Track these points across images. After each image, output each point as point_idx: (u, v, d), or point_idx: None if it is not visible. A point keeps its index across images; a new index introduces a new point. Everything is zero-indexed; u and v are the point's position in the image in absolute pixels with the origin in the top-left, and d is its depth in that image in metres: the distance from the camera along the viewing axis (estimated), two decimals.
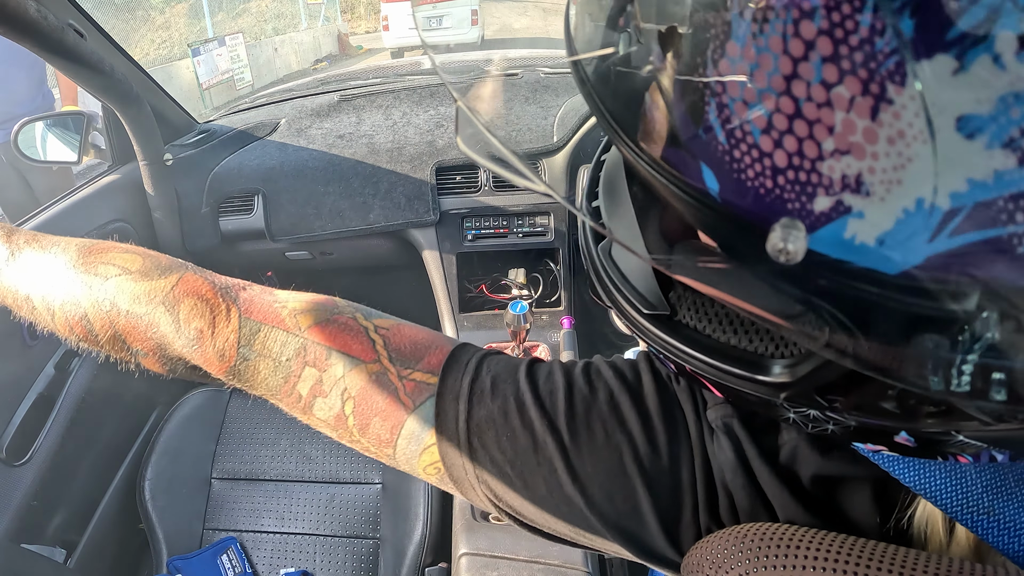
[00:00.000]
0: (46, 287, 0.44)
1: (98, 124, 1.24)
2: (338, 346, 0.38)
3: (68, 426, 1.04)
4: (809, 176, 0.18)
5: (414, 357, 0.38)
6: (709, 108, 0.19)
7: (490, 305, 1.33)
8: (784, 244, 0.18)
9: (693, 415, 0.34)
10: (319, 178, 1.31)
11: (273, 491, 1.14)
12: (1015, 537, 0.27)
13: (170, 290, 0.41)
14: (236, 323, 0.40)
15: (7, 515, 0.91)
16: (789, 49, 0.17)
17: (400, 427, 0.36)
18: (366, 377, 0.37)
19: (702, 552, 0.31)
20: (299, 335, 0.39)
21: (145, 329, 0.41)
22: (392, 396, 0.37)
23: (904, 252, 0.18)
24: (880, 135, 0.17)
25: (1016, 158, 0.16)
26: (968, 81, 0.16)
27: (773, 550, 0.28)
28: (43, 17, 0.82)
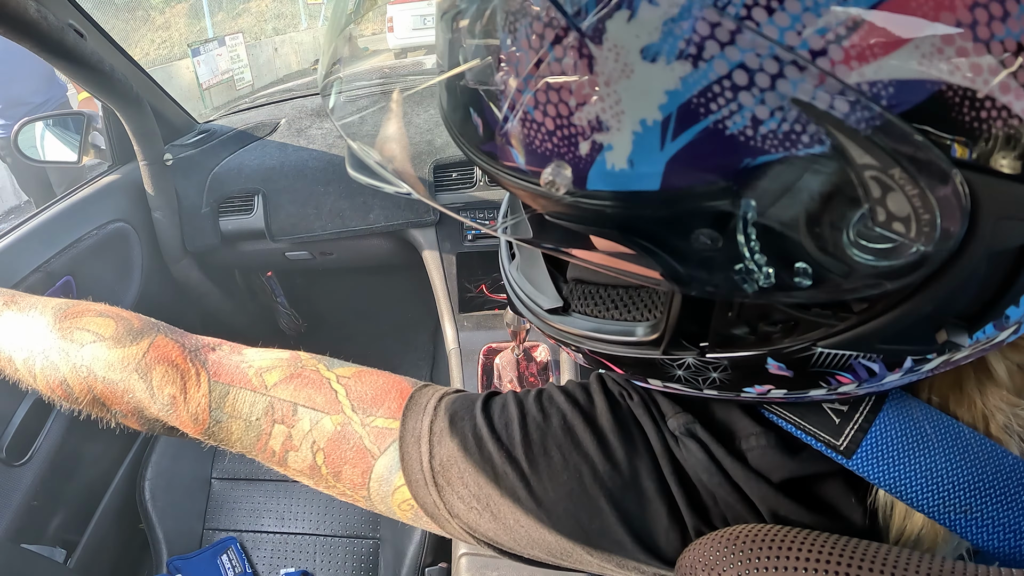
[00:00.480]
0: (26, 351, 0.46)
1: (98, 124, 1.25)
2: (303, 401, 0.40)
3: (68, 426, 1.04)
4: (568, 130, 0.23)
5: (375, 404, 0.40)
6: (503, 104, 0.25)
7: (490, 305, 1.33)
8: (552, 177, 0.24)
9: (652, 427, 0.35)
10: (319, 178, 1.31)
11: (273, 491, 1.14)
12: (994, 533, 0.28)
13: (142, 357, 0.43)
14: (206, 387, 0.42)
15: (7, 515, 0.91)
16: (531, 45, 0.23)
17: (370, 472, 0.38)
18: (332, 429, 0.39)
19: (695, 555, 0.31)
20: (265, 394, 0.41)
21: (122, 394, 0.43)
22: (358, 444, 0.39)
23: (650, 164, 0.22)
24: (599, 82, 0.22)
25: (690, 64, 0.21)
26: (638, 22, 0.21)
27: (765, 551, 0.28)
28: (43, 17, 0.82)
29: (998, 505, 0.28)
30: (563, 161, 0.24)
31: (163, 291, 1.37)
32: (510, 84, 0.24)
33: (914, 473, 0.29)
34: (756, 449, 0.33)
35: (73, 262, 1.09)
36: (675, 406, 0.35)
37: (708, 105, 0.21)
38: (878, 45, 0.20)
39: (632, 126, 0.22)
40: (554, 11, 0.22)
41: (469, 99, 0.27)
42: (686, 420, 0.34)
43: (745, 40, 0.20)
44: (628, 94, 0.22)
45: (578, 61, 0.22)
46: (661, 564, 0.34)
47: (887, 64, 0.20)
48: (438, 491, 0.37)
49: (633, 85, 0.21)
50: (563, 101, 0.23)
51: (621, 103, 0.22)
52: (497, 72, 0.25)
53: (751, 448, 0.33)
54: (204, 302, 1.48)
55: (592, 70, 0.22)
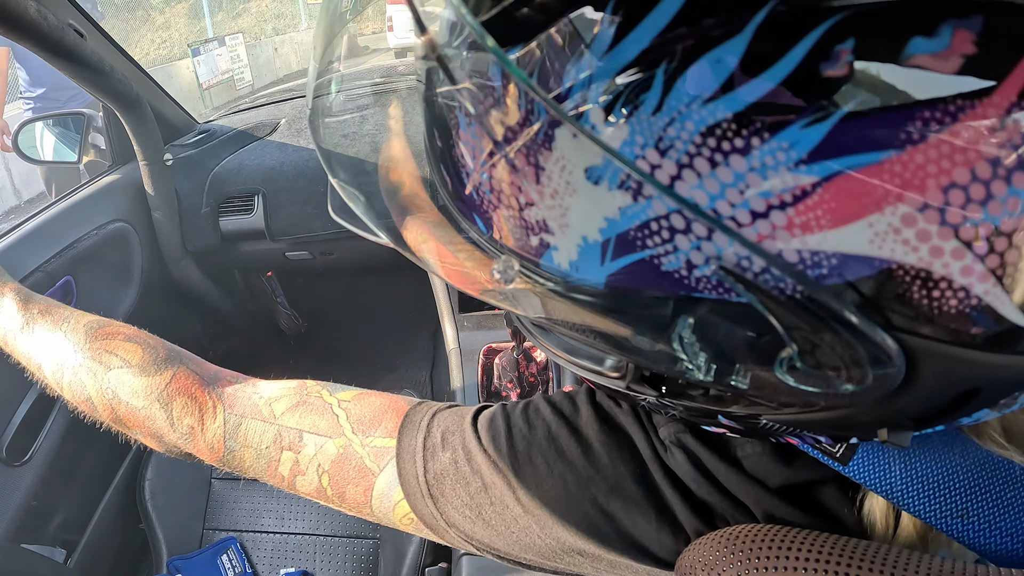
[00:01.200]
0: (56, 363, 0.49)
1: (98, 124, 1.25)
2: (308, 427, 0.43)
3: (68, 426, 1.04)
4: (520, 221, 0.24)
5: (373, 424, 0.42)
6: (463, 174, 0.25)
7: (490, 305, 1.33)
8: (498, 274, 0.25)
9: (642, 436, 0.36)
10: (319, 178, 1.31)
11: (273, 491, 1.14)
12: (991, 536, 0.28)
13: (164, 388, 0.46)
14: (221, 419, 0.45)
15: (7, 515, 0.91)
16: (482, 138, 0.23)
17: (371, 490, 0.41)
18: (335, 452, 0.42)
19: (694, 555, 0.31)
20: (274, 423, 0.44)
21: (143, 420, 0.46)
22: (359, 464, 0.41)
23: (592, 274, 0.23)
24: (545, 192, 0.22)
25: (630, 196, 0.20)
26: (583, 142, 0.20)
27: (765, 551, 0.28)
28: (43, 17, 0.82)
29: (995, 509, 0.28)
30: (512, 258, 0.25)
31: (163, 291, 1.37)
32: (468, 162, 0.24)
33: (910, 478, 0.29)
34: (752, 456, 0.33)
35: (73, 262, 1.09)
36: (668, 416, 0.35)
37: (645, 240, 0.21)
38: (826, 217, 0.19)
39: (576, 239, 0.22)
40: (513, 101, 0.22)
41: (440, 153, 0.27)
42: (676, 429, 0.34)
43: (683, 188, 0.20)
44: (573, 209, 0.22)
45: (526, 166, 0.22)
46: (653, 563, 0.35)
47: (833, 237, 0.19)
48: (434, 503, 0.38)
49: (577, 202, 0.21)
50: (514, 197, 0.23)
51: (567, 215, 0.22)
52: (458, 143, 0.25)
53: (747, 455, 0.33)
54: (204, 302, 1.48)
55: (539, 179, 0.22)
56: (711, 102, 0.19)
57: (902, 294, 0.20)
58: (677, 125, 0.19)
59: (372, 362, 1.86)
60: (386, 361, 1.85)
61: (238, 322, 1.63)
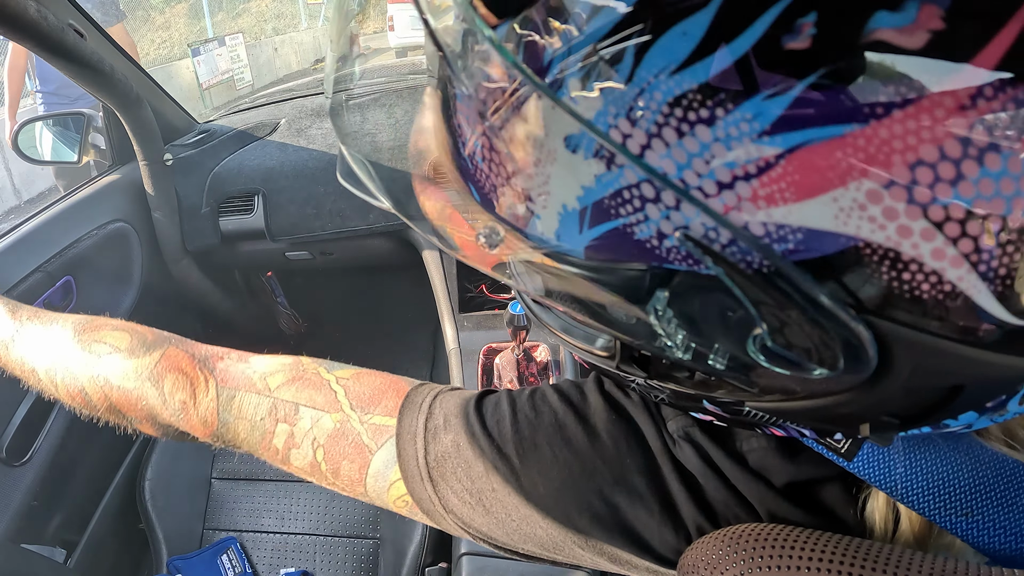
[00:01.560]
0: (48, 362, 0.50)
1: (98, 124, 1.24)
2: (304, 401, 0.43)
3: (68, 426, 1.04)
4: (506, 189, 0.24)
5: (373, 402, 0.42)
6: (459, 140, 0.26)
7: (490, 305, 1.33)
8: (483, 239, 0.26)
9: (652, 427, 0.35)
10: (319, 178, 1.31)
11: (273, 491, 1.14)
12: (995, 536, 0.28)
13: (154, 366, 0.46)
14: (214, 392, 0.45)
15: (7, 515, 0.91)
16: (477, 108, 0.23)
17: (367, 467, 0.40)
18: (331, 426, 0.41)
19: (697, 554, 0.31)
20: (269, 395, 0.44)
21: (136, 401, 0.46)
22: (356, 440, 0.41)
23: (572, 242, 0.23)
24: (529, 160, 0.22)
25: (604, 165, 0.20)
26: (559, 112, 0.21)
27: (768, 551, 0.28)
28: (43, 17, 0.82)
29: (999, 508, 0.28)
30: (498, 224, 0.25)
31: (163, 291, 1.37)
32: (465, 132, 0.25)
33: (915, 475, 0.29)
34: (756, 451, 0.33)
35: (73, 262, 1.09)
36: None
37: (618, 208, 0.21)
38: (790, 190, 0.19)
39: (556, 207, 0.23)
40: (498, 72, 0.22)
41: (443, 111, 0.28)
42: (685, 423, 0.34)
43: (652, 158, 0.20)
44: (554, 177, 0.22)
45: (512, 133, 0.23)
46: (654, 560, 0.35)
47: (798, 211, 0.19)
48: (433, 486, 0.38)
49: (557, 170, 0.22)
50: (502, 165, 0.24)
51: (547, 183, 0.22)
52: (455, 114, 0.26)
53: (752, 449, 0.33)
54: (204, 302, 1.48)
55: (524, 148, 0.22)
56: (677, 73, 0.19)
57: (871, 274, 0.19)
58: (647, 96, 0.20)
59: (372, 362, 1.85)
60: (386, 361, 1.85)
61: (238, 322, 1.63)
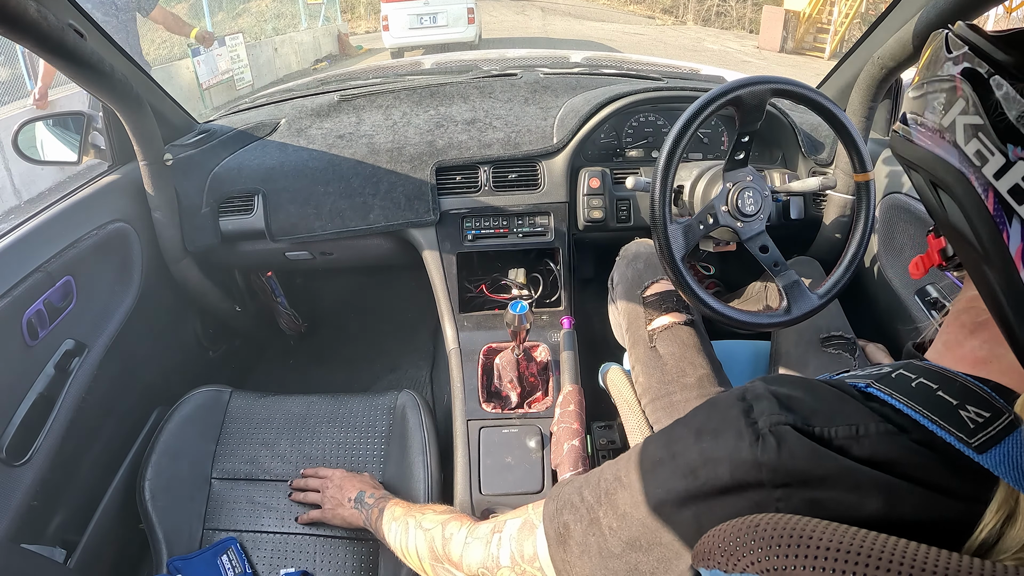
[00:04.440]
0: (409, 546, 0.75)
1: (98, 124, 1.24)
2: None
3: (68, 426, 1.04)
4: None
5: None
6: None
7: (490, 305, 1.33)
8: None
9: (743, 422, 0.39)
10: (319, 178, 1.31)
11: (273, 491, 1.14)
12: None
13: None
14: None
15: (7, 515, 0.91)
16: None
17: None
18: None
19: (714, 540, 0.31)
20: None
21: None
22: None
23: None
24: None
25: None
26: None
27: (786, 539, 0.29)
28: (43, 17, 0.82)
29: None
30: None
31: (163, 291, 1.37)
32: None
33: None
34: (869, 436, 0.35)
35: (73, 262, 1.09)
36: (776, 405, 0.38)
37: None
38: None
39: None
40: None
41: None
42: (780, 419, 0.37)
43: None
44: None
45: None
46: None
47: None
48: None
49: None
50: None
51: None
52: None
53: (864, 435, 0.35)
54: (204, 302, 1.48)
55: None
56: None
57: None
58: None
59: (372, 362, 1.86)
60: (386, 361, 1.85)
61: (238, 322, 1.63)
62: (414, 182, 1.29)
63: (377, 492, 0.98)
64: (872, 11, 10.98)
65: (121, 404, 1.26)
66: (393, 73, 1.71)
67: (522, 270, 1.36)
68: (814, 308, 0.93)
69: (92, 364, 1.12)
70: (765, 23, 11.86)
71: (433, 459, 1.09)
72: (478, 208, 1.30)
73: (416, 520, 0.76)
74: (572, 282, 1.34)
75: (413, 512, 0.80)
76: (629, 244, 1.21)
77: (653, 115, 1.39)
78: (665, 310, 1.03)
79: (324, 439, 1.19)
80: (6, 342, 0.95)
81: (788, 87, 0.91)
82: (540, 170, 1.31)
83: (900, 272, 1.16)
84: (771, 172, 1.26)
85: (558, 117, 1.35)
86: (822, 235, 1.28)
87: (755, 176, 0.98)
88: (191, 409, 1.23)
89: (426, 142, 1.32)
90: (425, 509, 0.79)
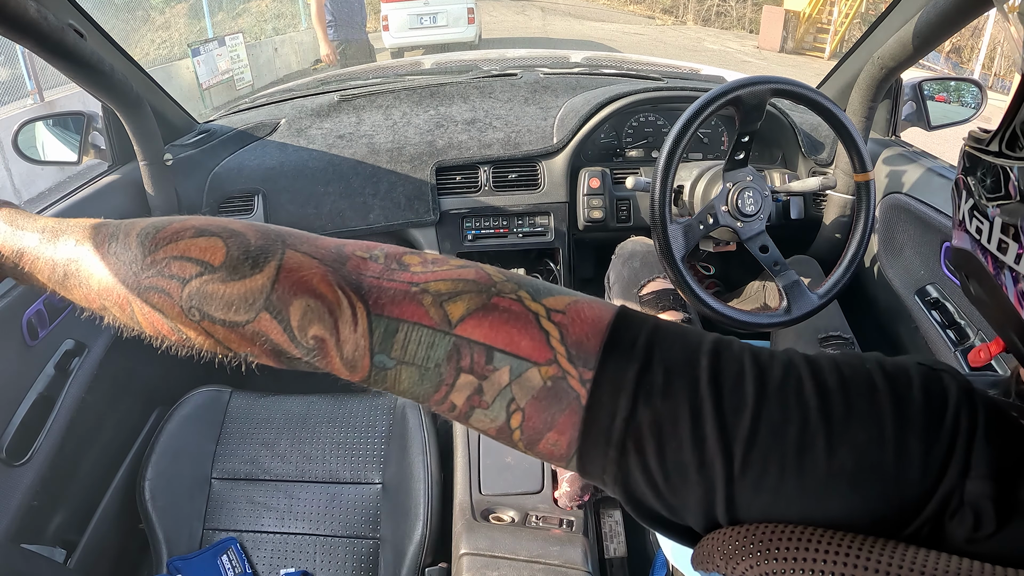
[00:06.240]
0: (119, 297, 0.37)
1: (98, 124, 1.24)
2: (502, 344, 0.31)
3: (68, 426, 1.04)
4: None
5: (596, 351, 0.31)
6: None
7: None
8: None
9: (957, 467, 0.30)
10: (319, 178, 1.31)
11: (273, 491, 1.14)
12: None
13: (271, 289, 0.33)
14: (365, 324, 0.32)
15: (7, 515, 0.91)
16: None
17: (578, 440, 0.31)
18: (540, 384, 0.30)
19: (713, 544, 0.31)
20: (448, 332, 0.31)
21: (251, 338, 0.34)
22: (573, 406, 0.30)
23: None
24: None
25: None
26: None
27: (784, 543, 0.29)
28: (43, 17, 0.82)
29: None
30: None
31: None
32: None
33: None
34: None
35: None
36: (992, 466, 0.27)
37: None
38: None
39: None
40: None
41: None
42: (987, 491, 0.27)
43: None
44: None
45: None
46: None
47: None
48: (620, 453, 0.30)
49: None
50: None
51: None
52: None
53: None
54: None
55: None
56: None
57: None
58: None
59: None
60: None
61: None
62: (414, 182, 1.29)
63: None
64: (872, 11, 10.98)
65: (121, 404, 1.26)
66: (393, 73, 1.71)
67: (522, 270, 1.37)
68: (814, 308, 0.93)
69: (92, 364, 1.12)
70: (765, 23, 11.87)
71: (433, 459, 1.09)
72: (478, 208, 1.31)
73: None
74: (572, 282, 1.34)
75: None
76: (625, 242, 1.21)
77: (653, 115, 1.39)
78: (662, 308, 1.03)
79: (324, 439, 1.19)
80: (6, 342, 0.95)
81: (788, 87, 0.91)
82: (540, 170, 1.31)
83: (900, 272, 1.16)
84: (771, 172, 1.26)
85: (558, 117, 1.35)
86: (822, 235, 1.28)
87: (755, 176, 0.98)
88: (191, 409, 1.23)
89: (426, 142, 1.33)
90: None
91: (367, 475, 1.14)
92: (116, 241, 0.37)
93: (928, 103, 1.28)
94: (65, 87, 4.98)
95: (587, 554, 0.82)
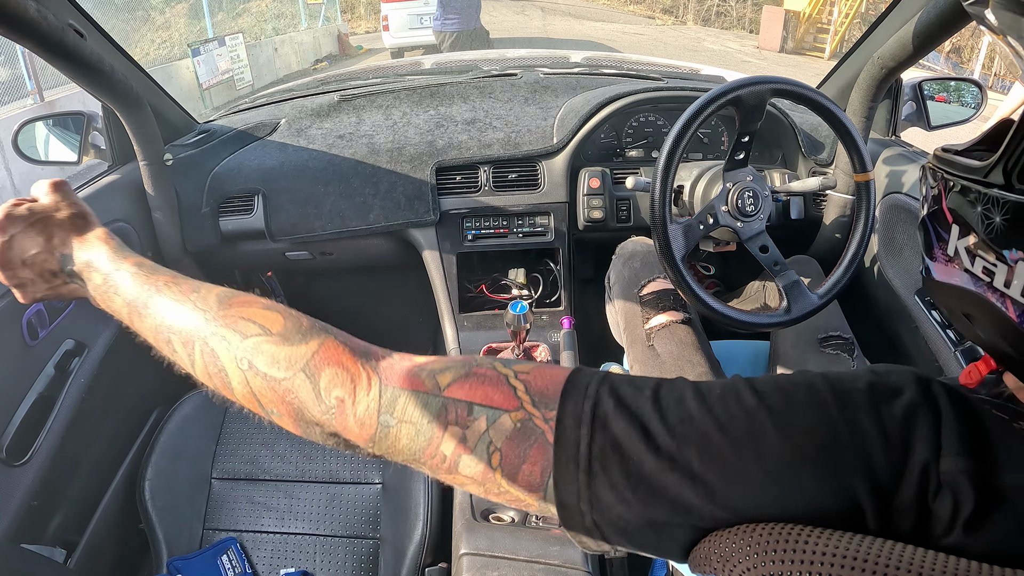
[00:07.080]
0: (185, 335, 0.45)
1: (98, 124, 1.24)
2: (479, 399, 0.38)
3: (68, 426, 1.04)
4: None
5: (556, 396, 0.38)
6: None
7: (490, 305, 1.33)
8: None
9: (922, 455, 0.33)
10: (319, 178, 1.31)
11: (273, 491, 1.14)
12: None
13: (311, 357, 0.41)
14: (376, 391, 0.40)
15: (7, 515, 0.91)
16: None
17: (551, 470, 0.36)
18: (511, 427, 0.37)
19: (711, 546, 0.32)
20: (439, 395, 0.39)
21: (283, 394, 0.41)
22: (539, 441, 0.36)
23: None
24: None
25: None
26: None
27: (781, 545, 0.29)
28: (43, 17, 0.82)
29: None
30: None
31: None
32: None
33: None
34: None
35: None
36: (963, 444, 0.31)
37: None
38: None
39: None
40: None
41: None
42: (961, 467, 0.30)
43: None
44: None
45: None
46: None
47: None
48: (589, 477, 0.35)
49: None
50: None
51: None
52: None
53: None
54: None
55: None
56: None
57: None
58: None
59: None
60: None
61: None
62: (414, 182, 1.29)
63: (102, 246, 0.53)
64: (872, 11, 10.98)
65: (121, 404, 1.26)
66: (393, 73, 1.71)
67: (522, 270, 1.36)
68: (814, 308, 0.93)
69: (92, 364, 1.12)
70: (765, 23, 11.87)
71: None
72: (478, 208, 1.30)
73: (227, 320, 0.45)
74: (572, 282, 1.34)
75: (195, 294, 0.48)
76: (625, 243, 1.21)
77: (653, 115, 1.39)
78: (662, 308, 1.03)
79: None
80: (6, 342, 0.95)
81: (788, 87, 0.91)
82: (540, 170, 1.31)
83: (900, 272, 1.16)
84: (771, 172, 1.26)
85: (558, 117, 1.35)
86: (822, 235, 1.28)
87: (755, 176, 0.98)
88: (191, 409, 1.23)
89: (426, 142, 1.33)
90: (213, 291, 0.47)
91: (367, 475, 1.14)
92: (198, 293, 0.46)
93: (928, 103, 1.28)
94: (65, 87, 4.98)
95: (586, 554, 0.82)
